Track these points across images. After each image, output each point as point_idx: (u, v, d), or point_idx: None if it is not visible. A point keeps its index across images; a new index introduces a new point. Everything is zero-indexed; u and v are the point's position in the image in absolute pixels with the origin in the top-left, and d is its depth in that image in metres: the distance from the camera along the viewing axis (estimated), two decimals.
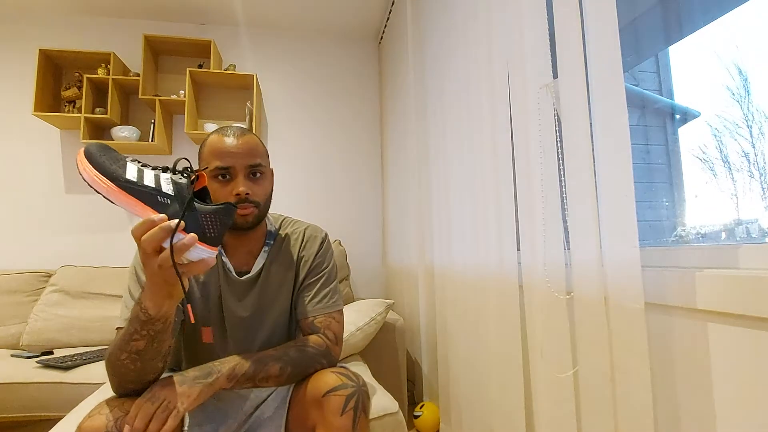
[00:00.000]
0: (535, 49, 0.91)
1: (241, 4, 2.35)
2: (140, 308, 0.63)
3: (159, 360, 0.68)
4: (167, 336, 0.66)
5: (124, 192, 0.59)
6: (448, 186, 1.47)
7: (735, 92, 0.89)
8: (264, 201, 0.85)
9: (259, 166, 0.83)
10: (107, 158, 0.61)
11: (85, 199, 2.31)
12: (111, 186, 0.59)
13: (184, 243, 0.56)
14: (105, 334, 1.86)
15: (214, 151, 0.81)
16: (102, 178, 0.59)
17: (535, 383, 0.95)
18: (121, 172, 0.60)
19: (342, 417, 0.71)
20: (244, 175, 0.81)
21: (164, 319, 0.64)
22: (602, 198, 0.74)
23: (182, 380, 0.69)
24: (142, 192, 0.59)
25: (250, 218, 0.82)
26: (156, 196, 0.59)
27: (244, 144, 0.82)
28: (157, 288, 0.60)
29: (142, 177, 0.60)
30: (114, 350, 0.66)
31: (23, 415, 1.36)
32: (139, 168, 0.61)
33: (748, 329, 0.57)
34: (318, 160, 2.62)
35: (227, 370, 0.73)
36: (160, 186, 0.60)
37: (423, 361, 1.85)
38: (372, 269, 2.62)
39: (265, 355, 0.79)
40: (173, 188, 0.60)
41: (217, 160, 0.80)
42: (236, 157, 0.80)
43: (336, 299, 0.92)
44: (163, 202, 0.59)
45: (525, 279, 0.98)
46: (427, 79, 1.73)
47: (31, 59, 2.16)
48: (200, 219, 0.59)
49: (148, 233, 0.56)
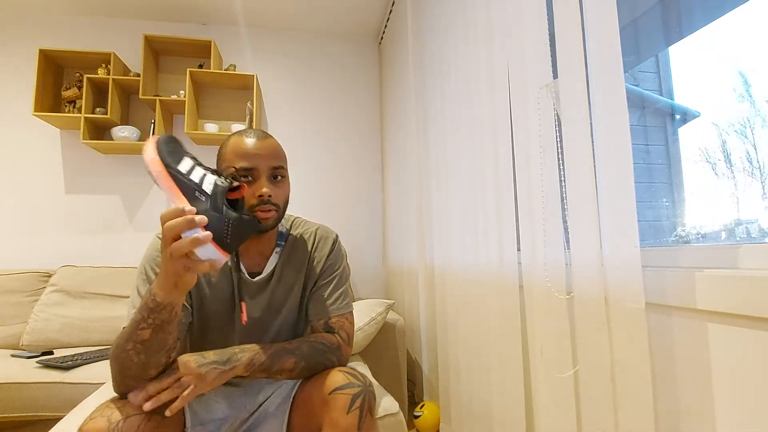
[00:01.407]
0: (535, 49, 0.91)
1: (241, 4, 2.35)
2: (150, 294, 0.65)
3: (163, 354, 0.68)
4: (172, 328, 0.67)
5: (170, 178, 0.65)
6: (448, 186, 1.47)
7: (735, 92, 0.89)
8: (283, 204, 0.85)
9: (281, 168, 0.84)
10: (170, 148, 0.69)
11: (85, 199, 2.31)
12: (162, 170, 0.66)
13: (197, 237, 0.58)
14: (105, 334, 1.86)
15: (237, 151, 0.81)
16: (158, 161, 0.67)
17: (535, 383, 0.95)
18: (175, 163, 0.67)
19: (348, 416, 0.71)
20: (267, 176, 0.81)
21: (170, 308, 0.64)
22: (602, 198, 0.74)
23: (201, 362, 0.71)
24: (185, 183, 0.65)
25: (271, 221, 0.82)
26: (195, 191, 0.64)
27: (268, 146, 0.83)
28: (167, 275, 0.62)
29: (190, 172, 0.66)
30: (120, 341, 0.67)
31: (23, 415, 1.36)
32: (192, 164, 0.68)
33: (748, 329, 0.57)
34: (318, 160, 2.62)
35: (246, 359, 0.75)
36: (201, 183, 0.65)
37: (423, 361, 1.85)
38: (372, 269, 2.62)
39: (281, 348, 0.80)
40: (212, 189, 0.64)
41: (240, 161, 0.80)
42: (259, 158, 0.81)
43: (348, 301, 0.94)
44: (199, 198, 0.64)
45: (525, 279, 0.99)
46: (427, 79, 1.73)
47: (31, 59, 2.16)
48: (223, 223, 0.61)
49: (173, 220, 0.58)
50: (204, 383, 0.70)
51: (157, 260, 0.80)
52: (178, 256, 0.58)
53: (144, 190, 2.38)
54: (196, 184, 0.65)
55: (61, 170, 2.30)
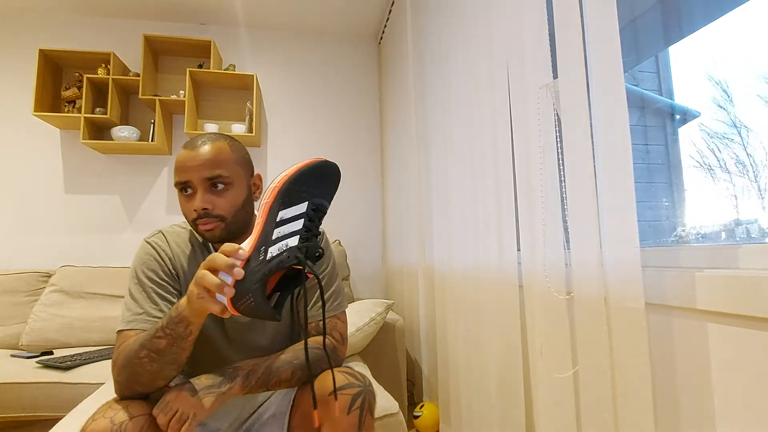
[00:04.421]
0: (535, 49, 0.91)
1: (241, 4, 2.35)
2: (175, 305, 0.66)
3: (174, 368, 0.68)
4: (186, 345, 0.67)
5: (265, 215, 0.63)
6: (448, 186, 1.47)
7: (733, 91, 0.89)
8: (232, 213, 0.79)
9: (218, 177, 0.77)
10: (299, 187, 0.65)
11: (85, 199, 2.31)
12: (268, 202, 0.64)
13: (222, 283, 0.58)
14: (105, 334, 1.86)
15: (176, 164, 0.79)
16: (274, 193, 0.64)
17: (535, 383, 0.95)
18: (285, 205, 0.64)
19: (348, 416, 0.71)
20: (205, 188, 0.77)
21: (186, 323, 0.64)
22: (602, 198, 0.74)
23: (195, 389, 0.69)
24: (267, 230, 0.62)
25: (216, 232, 0.78)
26: (264, 243, 0.61)
27: (202, 156, 0.77)
28: (189, 291, 0.63)
29: (284, 222, 0.63)
30: (135, 347, 0.67)
31: (23, 415, 1.36)
32: (295, 216, 0.64)
33: (748, 329, 0.57)
34: None
35: (241, 378, 0.73)
36: (275, 242, 0.62)
37: (423, 361, 1.85)
38: (372, 269, 2.62)
39: (276, 360, 0.79)
40: (274, 255, 0.61)
41: (177, 175, 0.78)
42: (192, 170, 0.76)
43: (340, 300, 0.92)
44: (260, 252, 0.61)
45: (525, 279, 0.98)
46: (427, 78, 1.73)
47: (31, 59, 2.16)
48: (249, 292, 0.59)
49: (223, 257, 0.59)
50: (203, 410, 0.68)
51: (148, 263, 0.80)
52: (200, 284, 0.59)
53: (144, 191, 2.38)
54: (271, 239, 0.61)
55: (60, 170, 2.30)
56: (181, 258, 0.83)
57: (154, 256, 0.81)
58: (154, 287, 0.77)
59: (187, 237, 0.86)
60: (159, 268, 0.80)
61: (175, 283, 0.81)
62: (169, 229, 0.87)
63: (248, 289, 0.58)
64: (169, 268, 0.81)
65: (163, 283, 0.79)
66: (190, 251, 0.84)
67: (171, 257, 0.82)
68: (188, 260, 0.83)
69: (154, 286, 0.78)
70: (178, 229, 0.87)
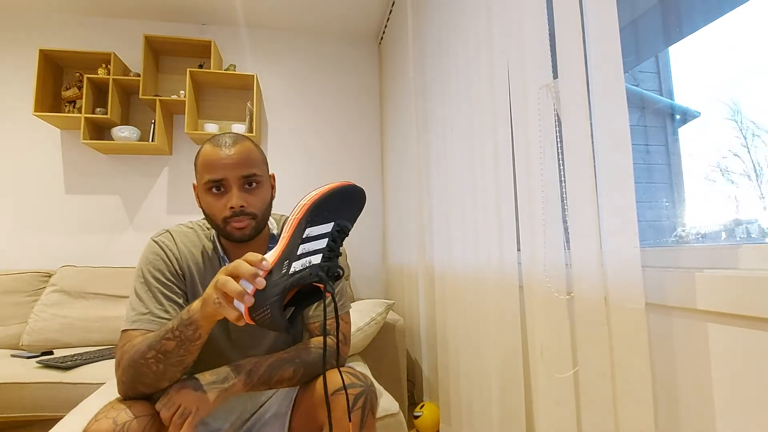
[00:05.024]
0: (535, 49, 0.91)
1: (241, 4, 2.35)
2: (187, 307, 0.66)
3: (179, 370, 0.68)
4: (193, 348, 0.67)
5: (291, 231, 0.65)
6: (448, 186, 1.47)
7: (734, 91, 0.89)
8: (262, 211, 0.82)
9: (253, 176, 0.79)
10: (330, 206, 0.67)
11: (85, 199, 2.31)
12: (296, 219, 0.66)
13: (242, 292, 0.58)
14: (105, 334, 1.86)
15: (205, 163, 0.78)
16: (303, 211, 0.66)
17: (535, 383, 0.95)
18: (313, 223, 0.65)
19: (350, 415, 0.71)
20: (238, 186, 0.78)
21: (195, 326, 0.65)
22: (602, 198, 0.74)
23: (198, 385, 0.70)
24: (293, 246, 0.63)
25: (248, 230, 0.79)
26: (288, 257, 0.62)
27: (236, 154, 0.78)
28: (205, 293, 0.64)
29: (309, 240, 0.64)
30: (142, 347, 0.67)
31: (23, 415, 1.36)
32: (320, 234, 0.65)
33: (748, 329, 0.57)
34: (318, 160, 2.62)
35: (243, 375, 0.74)
36: (299, 257, 0.62)
37: (423, 361, 1.85)
38: (372, 269, 2.62)
39: (278, 359, 0.79)
40: (297, 270, 0.61)
41: (209, 173, 0.77)
42: (228, 168, 0.77)
43: (343, 301, 0.92)
44: (284, 265, 0.62)
45: (525, 279, 0.98)
46: (427, 79, 1.74)
47: (31, 59, 2.16)
48: (267, 303, 0.60)
49: (247, 265, 0.59)
50: (206, 405, 0.68)
51: (155, 263, 0.79)
52: (221, 289, 0.59)
53: (144, 191, 2.38)
54: (296, 254, 0.62)
55: (61, 170, 2.30)
56: (188, 258, 0.83)
57: (162, 256, 0.80)
58: (160, 287, 0.78)
59: (194, 237, 0.86)
60: (166, 269, 0.80)
61: (181, 284, 0.81)
62: (176, 228, 0.86)
63: (267, 301, 0.59)
64: (175, 269, 0.81)
65: (169, 283, 0.79)
66: (198, 251, 0.84)
67: (178, 257, 0.82)
68: (195, 261, 0.83)
69: (160, 286, 0.78)
70: (185, 229, 0.87)
